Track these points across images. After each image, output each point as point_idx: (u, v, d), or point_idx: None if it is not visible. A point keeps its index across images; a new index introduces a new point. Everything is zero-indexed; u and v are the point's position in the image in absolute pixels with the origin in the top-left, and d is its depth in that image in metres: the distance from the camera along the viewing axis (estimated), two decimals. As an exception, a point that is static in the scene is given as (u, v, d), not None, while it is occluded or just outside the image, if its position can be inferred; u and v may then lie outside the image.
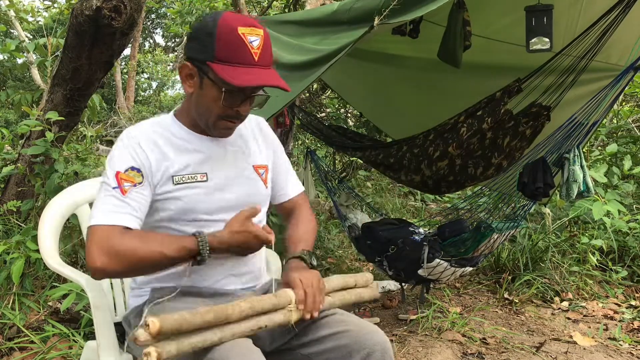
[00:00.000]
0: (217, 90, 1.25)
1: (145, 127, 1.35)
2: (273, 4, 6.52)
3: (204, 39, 1.24)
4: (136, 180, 1.26)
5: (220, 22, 1.23)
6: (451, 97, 3.33)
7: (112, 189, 1.24)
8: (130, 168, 1.27)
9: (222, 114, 1.29)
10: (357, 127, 5.81)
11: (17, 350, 2.29)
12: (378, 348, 1.27)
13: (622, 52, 2.91)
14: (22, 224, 2.82)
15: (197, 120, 1.34)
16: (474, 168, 2.87)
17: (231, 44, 1.22)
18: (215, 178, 1.35)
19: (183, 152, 1.34)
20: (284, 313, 1.23)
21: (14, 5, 4.94)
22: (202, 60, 1.25)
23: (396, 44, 3.20)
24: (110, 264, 1.18)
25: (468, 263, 2.89)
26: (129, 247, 1.19)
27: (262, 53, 1.25)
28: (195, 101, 1.31)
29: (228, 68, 1.22)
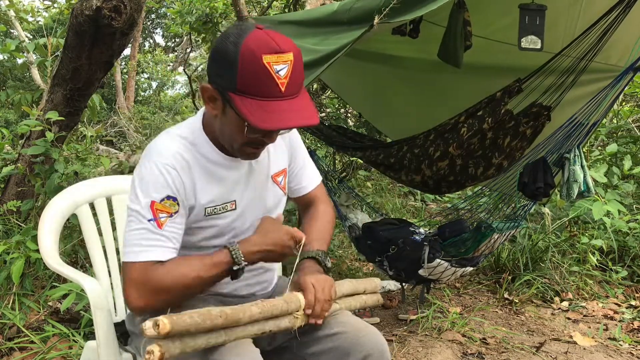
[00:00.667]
0: (239, 120, 1.16)
1: (177, 146, 1.25)
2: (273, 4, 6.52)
3: (225, 65, 1.13)
4: (172, 210, 1.21)
5: (243, 49, 1.10)
6: (451, 98, 3.33)
7: (148, 221, 1.18)
8: (166, 197, 1.20)
9: (246, 142, 1.22)
10: (357, 127, 5.81)
11: (17, 350, 2.29)
12: (375, 351, 1.27)
13: (622, 53, 2.91)
14: (22, 224, 2.82)
15: (222, 141, 1.27)
16: (475, 168, 2.87)
17: (255, 75, 1.10)
18: (243, 203, 1.33)
19: (214, 180, 1.28)
20: (290, 319, 1.23)
21: (14, 5, 4.94)
22: (224, 88, 1.14)
23: (396, 44, 3.20)
24: (151, 301, 1.17)
25: (468, 263, 2.89)
26: (168, 281, 1.17)
27: (290, 82, 1.13)
28: (220, 125, 1.23)
29: (250, 102, 1.11)
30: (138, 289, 1.16)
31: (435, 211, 5.26)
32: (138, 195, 1.20)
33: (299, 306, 1.24)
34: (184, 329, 1.04)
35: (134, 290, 1.16)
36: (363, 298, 1.41)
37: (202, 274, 1.19)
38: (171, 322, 1.02)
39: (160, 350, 1.02)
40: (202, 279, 1.19)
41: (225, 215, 1.30)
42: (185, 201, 1.24)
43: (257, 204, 1.36)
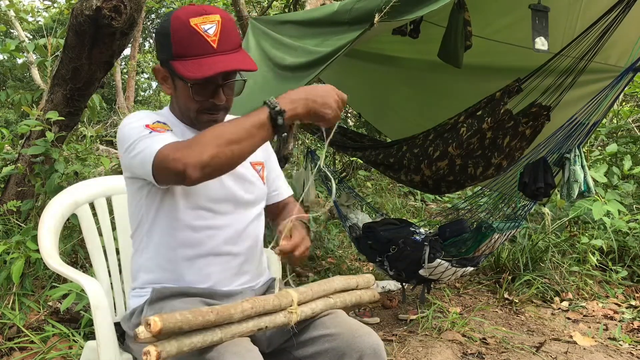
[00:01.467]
0: (187, 86, 1.25)
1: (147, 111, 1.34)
2: (273, 4, 6.52)
3: (163, 40, 1.24)
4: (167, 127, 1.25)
5: (173, 19, 1.22)
6: (451, 97, 3.33)
7: (150, 133, 1.19)
8: (156, 121, 1.25)
9: (200, 108, 1.28)
10: (357, 127, 5.81)
11: (17, 350, 2.29)
12: (370, 351, 1.27)
13: (622, 53, 2.91)
14: (22, 224, 2.82)
15: (185, 120, 1.35)
16: (474, 168, 2.87)
17: (185, 38, 1.21)
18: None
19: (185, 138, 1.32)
20: (285, 314, 1.23)
21: (14, 5, 4.94)
22: (165, 61, 1.25)
23: (396, 44, 3.20)
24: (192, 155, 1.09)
25: (469, 263, 2.89)
26: (199, 136, 1.13)
27: (221, 39, 1.21)
28: (176, 101, 1.33)
29: (187, 62, 1.20)
30: (174, 155, 1.11)
31: (435, 211, 5.27)
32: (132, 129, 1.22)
33: (291, 301, 1.23)
34: (176, 326, 1.04)
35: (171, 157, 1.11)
36: (358, 293, 1.40)
37: (237, 123, 1.13)
38: (162, 320, 1.02)
39: (157, 350, 1.02)
40: (238, 126, 1.13)
41: None
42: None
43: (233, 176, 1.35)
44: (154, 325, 1.02)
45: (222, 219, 1.33)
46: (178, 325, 1.05)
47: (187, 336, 1.08)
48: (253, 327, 1.17)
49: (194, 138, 1.14)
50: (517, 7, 2.64)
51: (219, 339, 1.12)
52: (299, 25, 2.71)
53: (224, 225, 1.35)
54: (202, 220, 1.32)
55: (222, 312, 1.12)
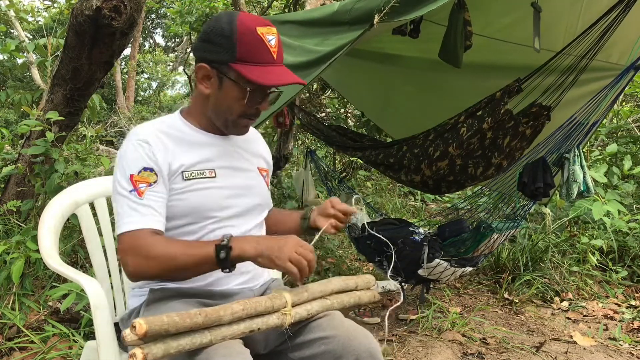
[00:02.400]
0: (240, 89, 1.28)
1: (150, 126, 1.35)
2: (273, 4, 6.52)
3: (222, 41, 1.26)
4: (151, 179, 1.27)
5: (239, 24, 1.25)
6: (451, 97, 3.33)
7: (129, 192, 1.25)
8: (142, 169, 1.27)
9: (244, 112, 1.32)
10: (357, 127, 5.81)
11: (17, 350, 2.28)
12: (366, 354, 1.26)
13: (623, 52, 2.91)
14: (22, 224, 2.82)
15: (214, 119, 1.36)
16: (474, 168, 2.87)
17: (252, 44, 1.25)
18: (224, 175, 1.37)
19: (191, 148, 1.35)
20: (278, 316, 1.22)
21: (14, 5, 4.94)
22: (222, 62, 1.27)
23: (397, 44, 3.21)
24: (142, 266, 1.22)
25: (468, 263, 2.89)
26: (157, 249, 1.22)
27: (278, 51, 1.29)
28: (214, 101, 1.33)
29: (252, 68, 1.25)
30: (130, 255, 1.22)
31: (435, 211, 5.26)
32: (118, 173, 1.29)
33: (285, 302, 1.23)
34: (162, 329, 1.04)
35: (128, 257, 1.22)
36: (357, 294, 1.40)
37: (190, 249, 1.23)
38: (147, 322, 1.02)
39: (143, 352, 1.02)
40: (189, 255, 1.22)
41: (204, 182, 1.33)
42: (163, 171, 1.30)
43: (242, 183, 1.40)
44: (139, 327, 1.02)
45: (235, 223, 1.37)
46: (164, 328, 1.04)
47: (175, 338, 1.07)
48: (244, 329, 1.16)
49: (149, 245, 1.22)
50: (517, 6, 2.65)
51: (208, 341, 1.11)
52: (299, 25, 2.71)
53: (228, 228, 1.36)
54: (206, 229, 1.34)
55: (211, 314, 1.11)
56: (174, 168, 1.31)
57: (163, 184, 1.29)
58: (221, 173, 1.37)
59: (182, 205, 1.32)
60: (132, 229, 1.23)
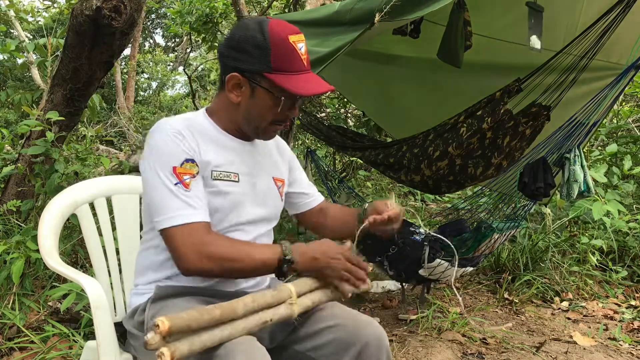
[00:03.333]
0: (274, 98, 1.28)
1: (180, 120, 1.34)
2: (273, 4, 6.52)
3: (255, 51, 1.25)
4: (194, 171, 1.27)
5: (271, 33, 1.25)
6: (451, 97, 3.33)
7: (174, 185, 1.23)
8: (185, 161, 1.26)
9: (275, 119, 1.33)
10: (357, 127, 5.81)
11: (17, 350, 2.28)
12: (373, 341, 1.28)
13: (623, 51, 2.91)
14: (22, 224, 2.82)
15: (244, 126, 1.36)
16: (474, 168, 2.87)
17: (286, 54, 1.26)
18: (245, 181, 1.37)
19: (218, 147, 1.35)
20: (287, 306, 1.22)
21: (14, 5, 4.94)
22: (256, 72, 1.26)
23: (397, 44, 3.21)
24: (205, 264, 1.21)
25: (468, 263, 2.89)
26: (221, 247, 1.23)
27: (307, 58, 1.31)
28: (246, 110, 1.32)
29: (287, 78, 1.26)
30: (190, 251, 1.20)
31: (435, 211, 5.26)
32: (157, 165, 1.25)
33: (290, 293, 1.23)
34: (185, 324, 1.04)
35: (188, 252, 1.20)
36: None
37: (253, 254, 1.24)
38: (170, 319, 1.03)
39: (170, 350, 1.02)
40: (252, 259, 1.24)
41: (228, 185, 1.33)
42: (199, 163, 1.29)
43: (256, 190, 1.40)
44: (162, 325, 1.02)
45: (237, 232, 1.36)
46: (186, 324, 1.05)
47: (197, 335, 1.07)
48: (259, 321, 1.17)
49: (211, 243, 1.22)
50: (517, 5, 2.65)
51: (227, 335, 1.11)
52: (299, 25, 2.69)
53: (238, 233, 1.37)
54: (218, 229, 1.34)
55: (226, 307, 1.12)
56: (206, 164, 1.30)
57: (202, 174, 1.29)
58: (243, 178, 1.37)
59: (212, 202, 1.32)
60: (187, 222, 1.21)
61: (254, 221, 1.39)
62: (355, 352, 1.26)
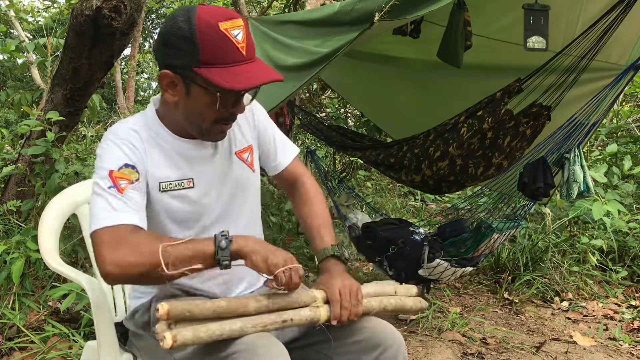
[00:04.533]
0: (209, 95, 1.16)
1: (128, 126, 1.27)
2: (273, 4, 6.51)
3: (182, 44, 1.12)
4: (132, 177, 1.18)
5: (198, 21, 1.11)
6: (451, 97, 3.33)
7: (108, 189, 1.15)
8: (124, 165, 1.19)
9: (218, 117, 1.21)
10: (357, 127, 5.81)
11: (17, 350, 2.28)
12: (394, 344, 1.27)
13: (623, 51, 2.91)
14: (22, 224, 2.82)
15: (187, 127, 1.26)
16: (475, 168, 2.87)
17: (216, 44, 1.11)
18: (203, 182, 1.30)
19: (168, 156, 1.27)
20: (311, 309, 1.19)
21: (14, 5, 4.95)
22: (185, 67, 1.14)
23: (397, 44, 3.21)
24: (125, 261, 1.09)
25: (468, 263, 2.89)
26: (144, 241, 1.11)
27: (247, 45, 1.15)
28: (184, 109, 1.22)
29: (219, 71, 1.12)
30: (109, 250, 1.09)
31: (435, 211, 5.26)
32: (96, 173, 1.20)
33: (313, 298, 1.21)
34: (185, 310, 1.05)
35: (105, 251, 1.09)
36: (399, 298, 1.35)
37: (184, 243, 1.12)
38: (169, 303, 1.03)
39: (172, 334, 1.02)
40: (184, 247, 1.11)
41: (181, 194, 1.27)
42: (144, 174, 1.22)
43: (222, 182, 1.33)
44: (162, 309, 1.02)
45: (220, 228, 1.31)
46: (187, 309, 1.05)
47: (203, 323, 1.07)
48: (276, 319, 1.13)
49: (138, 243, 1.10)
50: (517, 5, 2.64)
51: (238, 328, 1.09)
52: (300, 25, 2.71)
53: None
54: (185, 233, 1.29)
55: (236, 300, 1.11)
56: (152, 177, 1.24)
57: (143, 183, 1.22)
58: (199, 181, 1.29)
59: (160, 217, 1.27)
60: (112, 224, 1.12)
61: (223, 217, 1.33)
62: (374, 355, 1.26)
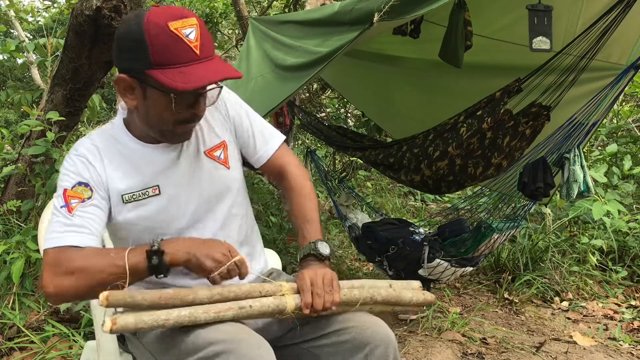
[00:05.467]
0: (165, 97, 1.15)
1: (90, 140, 1.28)
2: (273, 4, 6.51)
3: (134, 47, 1.12)
4: (84, 195, 1.21)
5: (147, 24, 1.10)
6: (451, 97, 3.33)
7: (60, 208, 1.19)
8: (77, 184, 1.21)
9: (178, 118, 1.19)
10: (357, 127, 5.81)
11: (17, 350, 2.29)
12: (382, 343, 1.26)
13: (623, 51, 2.91)
14: (22, 224, 2.82)
15: (150, 131, 1.25)
16: (474, 168, 2.87)
17: (166, 44, 1.10)
18: (170, 188, 1.28)
19: (132, 167, 1.27)
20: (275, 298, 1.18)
21: (14, 5, 4.95)
22: (139, 70, 1.13)
23: (397, 44, 3.21)
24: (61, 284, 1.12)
25: (468, 263, 2.89)
26: (77, 262, 1.13)
27: (202, 44, 1.13)
28: (144, 113, 1.21)
29: (170, 71, 1.11)
30: (50, 273, 1.13)
31: (435, 211, 5.26)
32: (57, 187, 1.23)
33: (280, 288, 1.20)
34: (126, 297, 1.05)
35: (47, 274, 1.14)
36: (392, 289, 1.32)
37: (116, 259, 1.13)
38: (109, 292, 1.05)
39: (112, 319, 1.04)
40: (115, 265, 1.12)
41: (147, 202, 1.26)
42: (101, 189, 1.24)
43: (190, 185, 1.31)
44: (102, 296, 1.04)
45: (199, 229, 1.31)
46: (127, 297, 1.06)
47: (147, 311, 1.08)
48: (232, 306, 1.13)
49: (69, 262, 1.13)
50: (517, 5, 2.64)
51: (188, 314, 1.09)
52: (300, 25, 2.71)
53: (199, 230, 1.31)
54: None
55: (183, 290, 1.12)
56: (113, 190, 1.24)
57: (99, 199, 1.22)
58: (165, 188, 1.28)
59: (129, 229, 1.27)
60: (55, 245, 1.15)
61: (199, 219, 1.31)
62: (364, 354, 1.25)
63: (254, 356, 1.10)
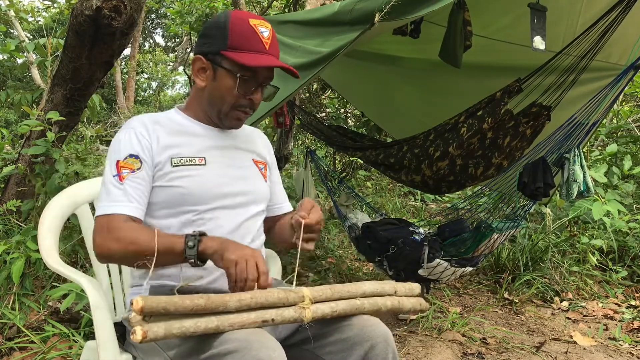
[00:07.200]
0: (232, 78, 1.33)
1: (144, 116, 1.41)
2: (273, 4, 6.52)
3: (216, 33, 1.33)
4: (134, 166, 1.32)
5: (232, 16, 1.33)
6: (452, 97, 3.33)
7: (113, 177, 1.31)
8: (128, 155, 1.32)
9: (236, 103, 1.36)
10: (357, 127, 5.81)
11: (17, 350, 2.28)
12: (381, 340, 1.27)
13: (623, 51, 2.91)
14: (22, 224, 2.82)
15: (209, 112, 1.40)
16: (475, 168, 2.87)
17: (244, 32, 1.31)
18: (215, 163, 1.39)
19: (183, 136, 1.39)
20: (296, 309, 1.18)
21: (14, 5, 4.95)
22: (215, 52, 1.32)
23: (397, 44, 3.21)
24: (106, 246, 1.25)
25: (468, 263, 2.89)
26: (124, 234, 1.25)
27: (272, 43, 1.34)
28: (209, 93, 1.37)
29: (242, 54, 1.30)
30: (98, 235, 1.27)
31: (435, 211, 5.26)
32: (107, 160, 1.35)
33: (302, 296, 1.19)
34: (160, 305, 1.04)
35: (98, 237, 1.27)
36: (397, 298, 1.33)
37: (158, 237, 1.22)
38: (144, 299, 1.03)
39: (143, 329, 1.02)
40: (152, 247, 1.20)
41: (193, 168, 1.35)
42: (150, 160, 1.34)
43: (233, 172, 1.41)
44: (136, 304, 1.02)
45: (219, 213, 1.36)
46: (162, 306, 1.04)
47: (178, 320, 1.06)
48: (256, 319, 1.13)
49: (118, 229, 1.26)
50: (517, 5, 2.65)
51: (214, 326, 1.09)
52: (300, 25, 2.71)
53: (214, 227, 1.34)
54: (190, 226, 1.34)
55: (215, 298, 1.10)
56: (163, 156, 1.34)
57: (147, 171, 1.33)
58: (212, 161, 1.39)
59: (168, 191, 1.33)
60: (108, 212, 1.28)
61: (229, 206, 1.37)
62: (362, 352, 1.26)
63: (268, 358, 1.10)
